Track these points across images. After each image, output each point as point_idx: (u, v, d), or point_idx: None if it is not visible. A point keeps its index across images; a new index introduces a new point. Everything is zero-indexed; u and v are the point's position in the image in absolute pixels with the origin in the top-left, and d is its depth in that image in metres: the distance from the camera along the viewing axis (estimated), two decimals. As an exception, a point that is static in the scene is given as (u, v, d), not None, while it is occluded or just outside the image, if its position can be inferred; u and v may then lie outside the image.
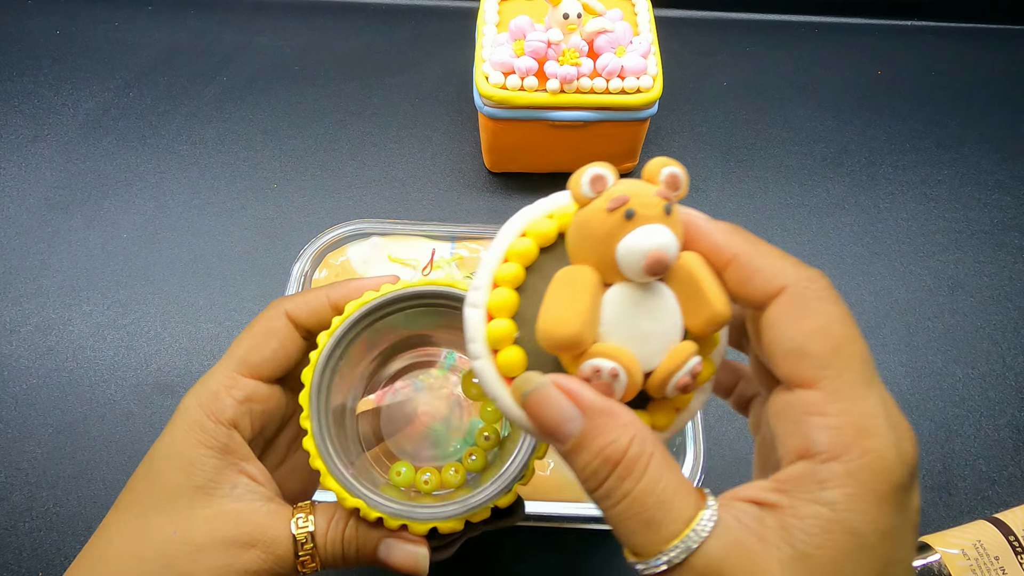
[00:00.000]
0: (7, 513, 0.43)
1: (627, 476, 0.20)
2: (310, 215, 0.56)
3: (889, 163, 0.60)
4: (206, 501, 0.26)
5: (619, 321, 0.22)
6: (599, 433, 0.21)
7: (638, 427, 0.21)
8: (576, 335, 0.21)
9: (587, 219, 0.22)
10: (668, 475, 0.20)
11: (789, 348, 0.21)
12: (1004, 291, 0.53)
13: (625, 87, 0.49)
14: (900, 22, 0.71)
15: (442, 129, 0.61)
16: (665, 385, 0.22)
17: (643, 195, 0.21)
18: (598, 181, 0.22)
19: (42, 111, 0.61)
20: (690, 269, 0.22)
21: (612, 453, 0.20)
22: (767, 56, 0.68)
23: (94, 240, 0.54)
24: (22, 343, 0.49)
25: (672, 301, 0.22)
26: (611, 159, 0.59)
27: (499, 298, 0.23)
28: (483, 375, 0.23)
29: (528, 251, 0.23)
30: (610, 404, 0.21)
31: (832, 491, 0.19)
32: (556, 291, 0.22)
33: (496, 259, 0.23)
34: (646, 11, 0.53)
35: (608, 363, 0.21)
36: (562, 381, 0.21)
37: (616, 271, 0.21)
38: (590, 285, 0.21)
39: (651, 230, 0.20)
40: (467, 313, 0.23)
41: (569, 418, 0.21)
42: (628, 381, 0.21)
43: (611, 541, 0.42)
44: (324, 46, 0.67)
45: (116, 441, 0.46)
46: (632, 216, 0.21)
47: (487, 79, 0.50)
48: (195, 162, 0.58)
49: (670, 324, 0.22)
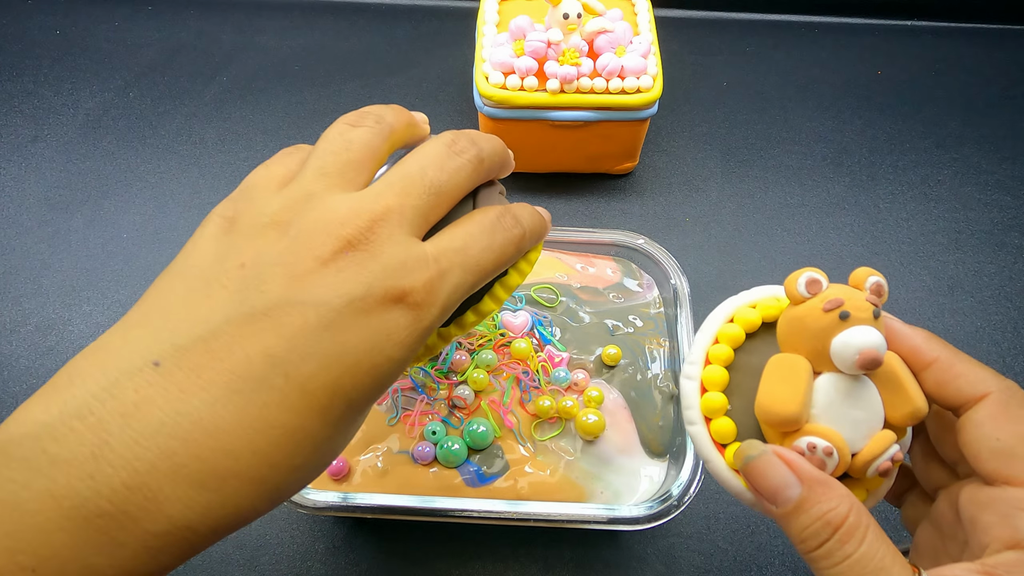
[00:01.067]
0: (7, 513, 0.43)
1: (848, 540, 0.22)
2: (310, 215, 0.55)
3: (889, 163, 0.60)
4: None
5: (830, 406, 0.25)
6: (818, 500, 0.23)
7: (854, 499, 0.23)
8: (796, 414, 0.24)
9: (803, 315, 0.25)
10: (885, 546, 0.22)
11: (996, 447, 0.23)
12: (1004, 291, 0.53)
13: (625, 87, 0.49)
14: (900, 22, 0.71)
15: (442, 129, 0.61)
16: (867, 467, 0.24)
17: (855, 299, 0.24)
18: (814, 284, 0.25)
19: (42, 111, 0.61)
20: (894, 367, 0.25)
21: (833, 518, 0.22)
22: (767, 56, 0.68)
23: (94, 240, 0.54)
24: (22, 343, 0.49)
25: (876, 394, 0.25)
26: (611, 159, 0.59)
27: (713, 374, 0.26)
28: (698, 439, 0.27)
29: (737, 335, 0.27)
30: (827, 476, 0.24)
31: None
32: (775, 373, 0.25)
33: (708, 339, 0.27)
34: (646, 11, 0.53)
35: (823, 441, 0.24)
36: (783, 452, 0.24)
37: (826, 363, 0.24)
38: (806, 372, 0.24)
39: (865, 330, 0.24)
40: (683, 384, 0.27)
41: (789, 484, 0.23)
42: (840, 459, 0.24)
43: (611, 540, 0.42)
44: (324, 46, 0.67)
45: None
46: (847, 317, 0.24)
47: (487, 79, 0.50)
48: (195, 162, 0.58)
49: (874, 414, 0.25)
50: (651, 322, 0.43)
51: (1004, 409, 0.23)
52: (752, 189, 0.58)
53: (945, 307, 0.52)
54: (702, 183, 0.58)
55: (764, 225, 0.56)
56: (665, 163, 0.59)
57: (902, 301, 0.53)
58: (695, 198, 0.57)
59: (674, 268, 0.44)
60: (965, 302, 0.53)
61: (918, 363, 0.25)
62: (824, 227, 0.56)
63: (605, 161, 0.56)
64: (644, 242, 0.45)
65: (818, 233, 0.56)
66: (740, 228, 0.56)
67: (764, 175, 0.59)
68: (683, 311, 0.42)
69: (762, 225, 0.56)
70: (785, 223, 0.56)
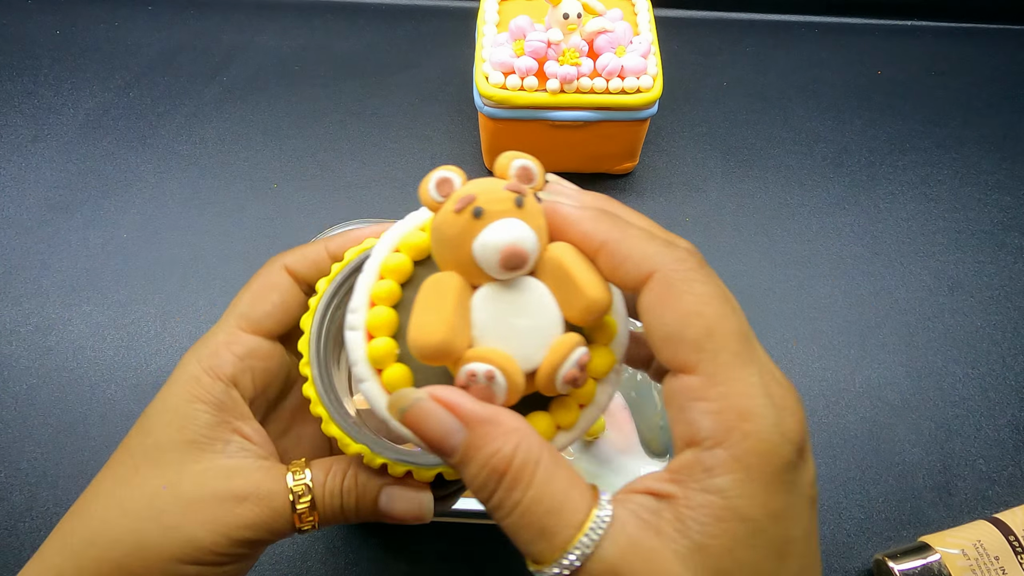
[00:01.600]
0: (7, 513, 0.43)
1: (515, 486, 0.20)
2: (310, 215, 0.56)
3: (889, 163, 0.60)
4: (198, 456, 0.25)
5: (491, 322, 0.21)
6: (483, 443, 0.20)
7: (523, 433, 0.20)
8: (443, 342, 0.20)
9: (440, 224, 0.21)
10: (558, 480, 0.20)
11: (664, 334, 0.20)
12: (1004, 291, 0.53)
13: (625, 87, 0.49)
14: (900, 22, 0.71)
15: (442, 129, 0.61)
16: (552, 381, 0.21)
17: (491, 191, 0.21)
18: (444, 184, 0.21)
19: (42, 111, 0.61)
20: (559, 260, 0.21)
21: (498, 463, 0.20)
22: (767, 56, 0.68)
23: (94, 240, 0.54)
24: (22, 343, 0.49)
25: (546, 295, 0.22)
26: (611, 159, 0.59)
27: (377, 317, 0.23)
28: (370, 396, 0.23)
29: (402, 266, 0.23)
30: (493, 412, 0.20)
31: (720, 478, 0.19)
32: (422, 301, 0.21)
33: (372, 277, 0.23)
34: (646, 11, 0.53)
35: (482, 366, 0.20)
36: (439, 392, 0.21)
37: (480, 272, 0.21)
38: (454, 290, 0.21)
39: (502, 225, 0.20)
40: (347, 336, 0.23)
41: (451, 431, 0.20)
42: (507, 382, 0.21)
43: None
44: (324, 46, 0.67)
45: (116, 441, 0.45)
46: (481, 214, 0.20)
47: (487, 79, 0.50)
48: (195, 162, 0.58)
49: (547, 319, 0.21)
50: (651, 322, 0.43)
51: (668, 289, 0.20)
52: (752, 189, 0.58)
53: (945, 307, 0.52)
54: (702, 183, 0.58)
55: (764, 225, 0.56)
56: (665, 163, 0.59)
57: (902, 301, 0.53)
58: (695, 198, 0.57)
59: (674, 268, 0.44)
60: (965, 302, 0.53)
61: (590, 249, 0.21)
62: (824, 227, 0.56)
63: (605, 161, 0.56)
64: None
65: (818, 233, 0.56)
66: (740, 228, 0.56)
67: (764, 175, 0.59)
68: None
69: (762, 225, 0.56)
70: (785, 223, 0.56)
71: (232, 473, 0.25)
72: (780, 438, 0.19)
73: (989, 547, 0.39)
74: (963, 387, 0.49)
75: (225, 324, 0.27)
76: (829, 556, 0.43)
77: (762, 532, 0.19)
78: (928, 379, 0.49)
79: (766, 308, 0.52)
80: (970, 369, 0.50)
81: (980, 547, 0.40)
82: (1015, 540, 0.40)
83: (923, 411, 0.48)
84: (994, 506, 0.44)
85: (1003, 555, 0.39)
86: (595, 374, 0.23)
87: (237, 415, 0.26)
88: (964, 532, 0.41)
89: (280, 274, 0.28)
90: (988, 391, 0.49)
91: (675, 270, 0.20)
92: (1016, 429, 0.47)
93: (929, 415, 0.48)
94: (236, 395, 0.26)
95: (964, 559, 0.39)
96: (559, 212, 0.22)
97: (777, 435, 0.19)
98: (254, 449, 0.26)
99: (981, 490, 0.45)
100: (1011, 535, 0.40)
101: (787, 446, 0.19)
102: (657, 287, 0.20)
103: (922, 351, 0.50)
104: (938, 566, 0.39)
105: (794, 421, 0.20)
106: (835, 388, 0.48)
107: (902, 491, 0.45)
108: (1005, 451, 0.46)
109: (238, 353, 0.27)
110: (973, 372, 0.49)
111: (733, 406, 0.19)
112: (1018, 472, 0.46)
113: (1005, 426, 0.47)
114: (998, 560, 0.39)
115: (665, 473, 0.20)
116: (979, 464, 0.46)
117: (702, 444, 0.19)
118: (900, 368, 0.49)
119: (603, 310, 0.21)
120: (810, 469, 0.20)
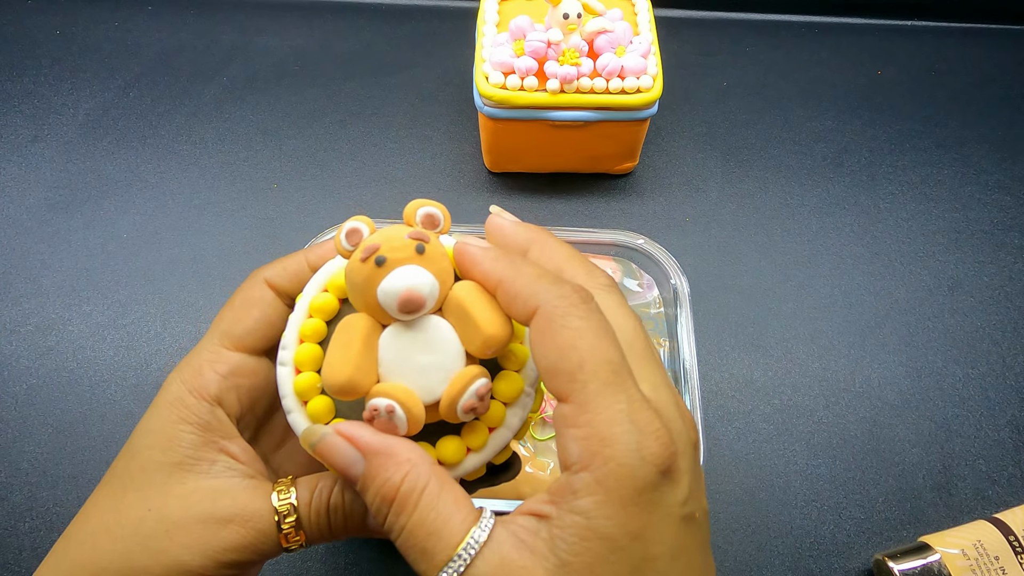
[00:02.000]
0: (7, 513, 0.43)
1: (401, 511, 0.22)
2: (310, 215, 0.56)
3: (889, 163, 0.60)
4: (183, 478, 0.25)
5: (395, 360, 0.23)
6: (377, 473, 0.22)
7: (414, 463, 0.22)
8: (349, 380, 0.22)
9: (349, 271, 0.23)
10: (441, 504, 0.22)
11: (545, 365, 0.22)
12: (1004, 291, 0.53)
13: (625, 87, 0.49)
14: (900, 22, 0.71)
15: (442, 129, 0.61)
16: (453, 410, 0.23)
17: (394, 240, 0.23)
18: (353, 234, 0.23)
19: (42, 111, 0.61)
20: (459, 299, 0.23)
21: (387, 491, 0.22)
22: (767, 56, 0.68)
23: (94, 240, 0.54)
24: (22, 343, 0.49)
25: (448, 332, 0.23)
26: (611, 159, 0.59)
27: (303, 353, 0.24)
28: (296, 426, 0.25)
29: (328, 304, 0.25)
30: (387, 444, 0.23)
31: (584, 500, 0.20)
32: (335, 341, 0.23)
33: (302, 315, 0.25)
34: (646, 11, 0.53)
35: (383, 401, 0.22)
36: (343, 427, 0.23)
37: (385, 314, 0.23)
38: (362, 330, 0.23)
39: (401, 273, 0.22)
40: (278, 371, 0.25)
41: (353, 461, 0.23)
42: (407, 415, 0.22)
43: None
44: (324, 46, 0.67)
45: (116, 441, 0.46)
46: (383, 263, 0.22)
47: (487, 79, 0.50)
48: (195, 162, 0.59)
49: (448, 354, 0.23)
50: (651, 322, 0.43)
51: (548, 323, 0.22)
52: (752, 189, 0.58)
53: (945, 307, 0.52)
54: (702, 183, 0.58)
55: (764, 225, 0.56)
56: (665, 163, 0.59)
57: (902, 301, 0.53)
58: (695, 198, 0.57)
59: (674, 268, 0.44)
60: (965, 302, 0.53)
61: (489, 286, 0.23)
62: (824, 227, 0.56)
63: (605, 161, 0.56)
64: (644, 242, 0.45)
65: (818, 233, 0.56)
66: (740, 228, 0.56)
67: (764, 175, 0.59)
68: (683, 311, 0.42)
69: (762, 225, 0.56)
70: (785, 223, 0.56)
71: (217, 495, 0.25)
72: (639, 461, 0.20)
73: (989, 547, 0.39)
74: (963, 387, 0.49)
75: (208, 342, 0.28)
76: (829, 556, 0.43)
77: (621, 550, 0.20)
78: (928, 379, 0.49)
79: (766, 308, 0.52)
80: (970, 369, 0.50)
81: (980, 547, 0.40)
82: (1015, 540, 0.40)
83: (923, 411, 0.48)
84: (994, 506, 0.44)
85: (1003, 555, 0.39)
86: (504, 399, 0.25)
87: (223, 434, 0.27)
88: (964, 532, 0.41)
89: (261, 288, 0.28)
90: (988, 391, 0.49)
91: (556, 307, 0.22)
92: (1016, 429, 0.47)
93: (929, 415, 0.48)
94: (221, 414, 0.27)
95: (964, 559, 0.39)
96: (465, 252, 0.24)
97: (636, 459, 0.20)
98: (241, 468, 0.27)
99: (981, 490, 0.45)
100: (1011, 535, 0.40)
101: (646, 468, 0.20)
102: (540, 322, 0.22)
103: (922, 351, 0.50)
104: (938, 566, 0.39)
105: (657, 445, 0.21)
106: (835, 388, 0.48)
107: (902, 491, 0.45)
108: (1005, 451, 0.46)
109: (222, 372, 0.27)
110: (973, 372, 0.49)
111: (597, 432, 0.20)
112: (1018, 472, 0.46)
113: (1005, 426, 0.47)
114: (998, 560, 0.39)
115: (546, 495, 0.22)
116: (979, 464, 0.46)
117: (571, 468, 0.21)
118: (900, 368, 0.49)
119: (500, 344, 0.23)
120: (681, 488, 0.21)
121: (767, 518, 0.44)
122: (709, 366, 0.49)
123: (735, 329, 0.51)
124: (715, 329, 0.51)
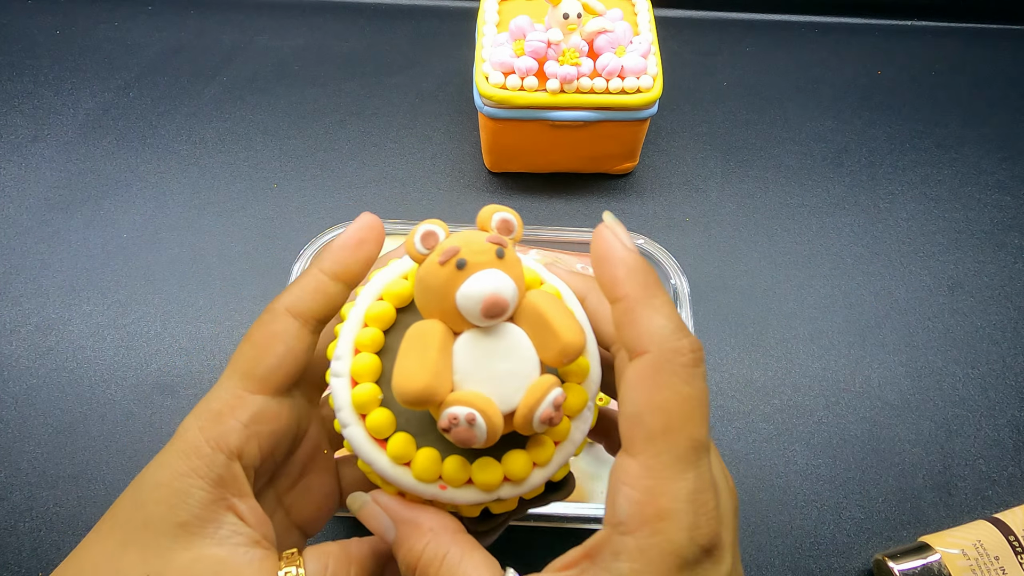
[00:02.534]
0: (7, 513, 0.43)
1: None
2: (310, 215, 0.56)
3: (889, 163, 0.60)
4: (187, 542, 0.24)
5: (472, 367, 0.22)
6: (403, 541, 0.24)
7: (436, 532, 0.23)
8: (426, 387, 0.21)
9: (424, 275, 0.22)
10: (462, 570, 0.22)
11: (627, 411, 0.21)
12: (1004, 291, 0.53)
13: (625, 87, 0.49)
14: (900, 22, 0.71)
15: (442, 129, 0.61)
16: (529, 421, 0.22)
17: (473, 244, 0.22)
18: (429, 237, 0.23)
19: (42, 111, 0.61)
20: (535, 306, 0.22)
21: (410, 560, 0.23)
22: (767, 56, 0.68)
23: (94, 240, 0.54)
24: (22, 343, 0.49)
25: (524, 339, 0.23)
26: (611, 159, 0.59)
27: (360, 363, 0.23)
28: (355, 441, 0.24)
29: (385, 313, 0.24)
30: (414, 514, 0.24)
31: (624, 564, 0.20)
32: (406, 347, 0.22)
33: (356, 325, 0.24)
34: (646, 11, 0.53)
35: (463, 409, 0.21)
36: (378, 498, 0.25)
37: (462, 320, 0.22)
38: (437, 337, 0.22)
39: (484, 276, 0.21)
40: (332, 383, 0.24)
41: (387, 528, 0.24)
42: (487, 424, 0.22)
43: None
44: (324, 46, 0.67)
45: (116, 441, 0.46)
46: (464, 265, 0.22)
47: (487, 79, 0.50)
48: (195, 162, 0.58)
49: (525, 362, 0.23)
50: (651, 322, 0.43)
51: (654, 373, 0.21)
52: (752, 189, 0.58)
53: (945, 307, 0.52)
54: (702, 183, 0.58)
55: (764, 225, 0.56)
56: (665, 163, 0.59)
57: (902, 301, 0.53)
58: (695, 198, 0.57)
59: (674, 268, 0.44)
60: (965, 302, 0.53)
61: (611, 295, 0.22)
62: (824, 227, 0.56)
63: (605, 161, 0.56)
64: (644, 242, 0.45)
65: (818, 233, 0.56)
66: (740, 228, 0.56)
67: (764, 175, 0.59)
68: (683, 311, 0.42)
69: (762, 225, 0.56)
70: (785, 223, 0.56)
71: (220, 567, 0.24)
72: (689, 542, 0.20)
73: (989, 547, 0.39)
74: (963, 387, 0.49)
75: (228, 383, 0.25)
76: (829, 556, 0.43)
77: None
78: (928, 379, 0.49)
79: (766, 308, 0.52)
80: (970, 369, 0.50)
81: (980, 547, 0.40)
82: (1015, 540, 0.40)
83: (923, 411, 0.48)
84: (994, 506, 0.44)
85: (1003, 555, 0.39)
86: (569, 412, 0.24)
87: (235, 492, 0.25)
88: (964, 532, 0.41)
89: (284, 320, 0.26)
90: (988, 391, 0.49)
91: (669, 359, 0.21)
92: (1016, 429, 0.47)
93: (929, 415, 0.48)
94: (237, 469, 0.25)
95: (964, 559, 0.39)
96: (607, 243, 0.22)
97: (687, 539, 0.20)
98: (247, 532, 0.25)
99: (981, 490, 0.45)
100: (1011, 535, 0.40)
101: (693, 548, 0.20)
102: (645, 368, 0.21)
103: (922, 351, 0.50)
104: (938, 566, 0.39)
105: (708, 526, 0.20)
106: (835, 388, 0.48)
107: (902, 491, 0.45)
108: (1005, 451, 0.46)
109: (243, 419, 0.25)
110: (973, 372, 0.49)
111: (655, 503, 0.20)
112: (1018, 472, 0.46)
113: (1005, 426, 0.47)
114: (998, 560, 0.39)
115: (582, 548, 0.21)
116: (979, 464, 0.46)
117: (617, 527, 0.20)
118: (900, 368, 0.49)
119: (577, 353, 0.22)
120: (724, 566, 0.21)
121: (767, 518, 0.44)
122: (709, 366, 0.49)
123: (735, 329, 0.51)
124: (715, 329, 0.51)
